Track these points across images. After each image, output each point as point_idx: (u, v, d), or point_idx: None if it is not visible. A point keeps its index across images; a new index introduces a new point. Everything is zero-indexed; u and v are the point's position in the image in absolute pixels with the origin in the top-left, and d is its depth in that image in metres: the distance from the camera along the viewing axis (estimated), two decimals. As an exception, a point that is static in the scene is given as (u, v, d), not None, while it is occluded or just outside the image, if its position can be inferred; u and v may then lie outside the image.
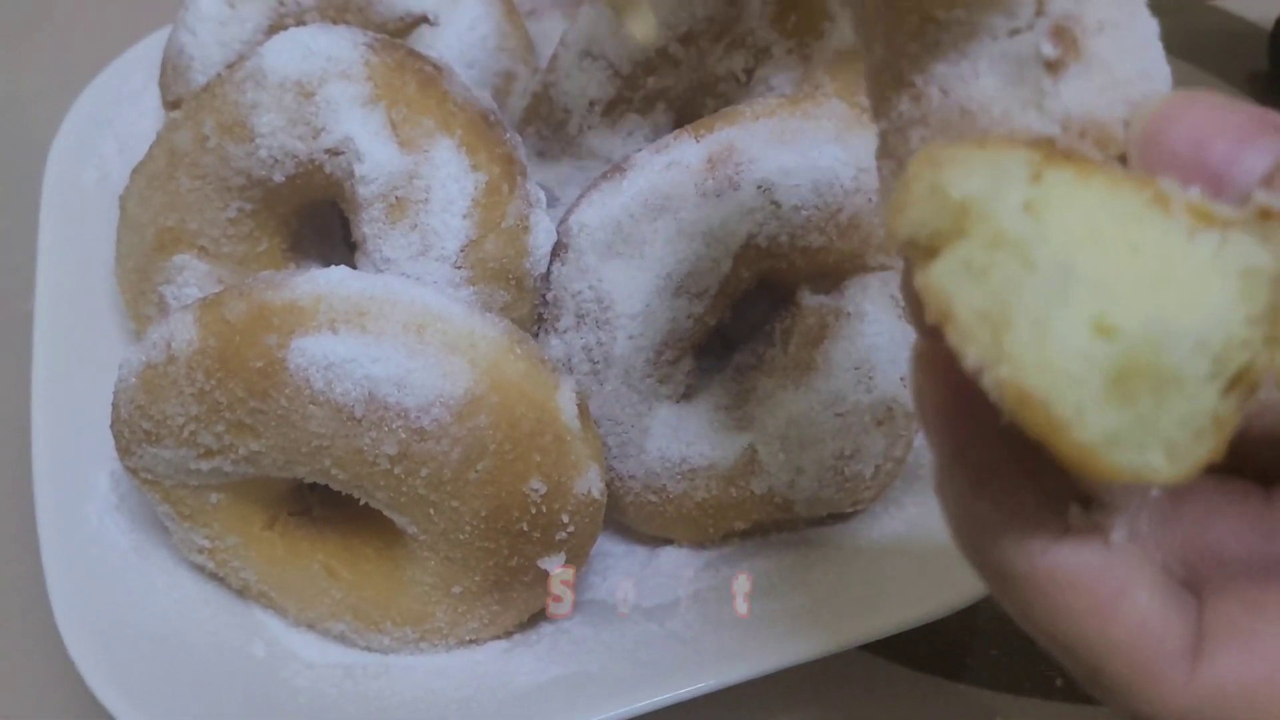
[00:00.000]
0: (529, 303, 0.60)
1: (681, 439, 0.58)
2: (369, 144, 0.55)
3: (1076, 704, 0.61)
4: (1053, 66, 0.29)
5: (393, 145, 0.56)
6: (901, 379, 0.57)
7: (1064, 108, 0.30)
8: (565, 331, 0.59)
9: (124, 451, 0.55)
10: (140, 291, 0.62)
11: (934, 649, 0.62)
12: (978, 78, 0.31)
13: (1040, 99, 0.30)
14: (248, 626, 0.58)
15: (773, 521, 0.60)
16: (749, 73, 0.66)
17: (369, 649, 0.58)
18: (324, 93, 0.56)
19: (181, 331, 0.51)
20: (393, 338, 0.50)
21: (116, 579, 0.57)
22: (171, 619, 0.57)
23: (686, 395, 0.60)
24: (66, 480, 0.60)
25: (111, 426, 0.55)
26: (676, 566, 0.60)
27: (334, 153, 0.56)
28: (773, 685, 0.54)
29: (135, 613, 0.56)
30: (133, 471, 0.55)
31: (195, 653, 0.56)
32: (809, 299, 0.59)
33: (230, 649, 0.57)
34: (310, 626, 0.58)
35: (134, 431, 0.54)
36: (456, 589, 0.55)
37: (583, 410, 0.55)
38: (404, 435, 0.50)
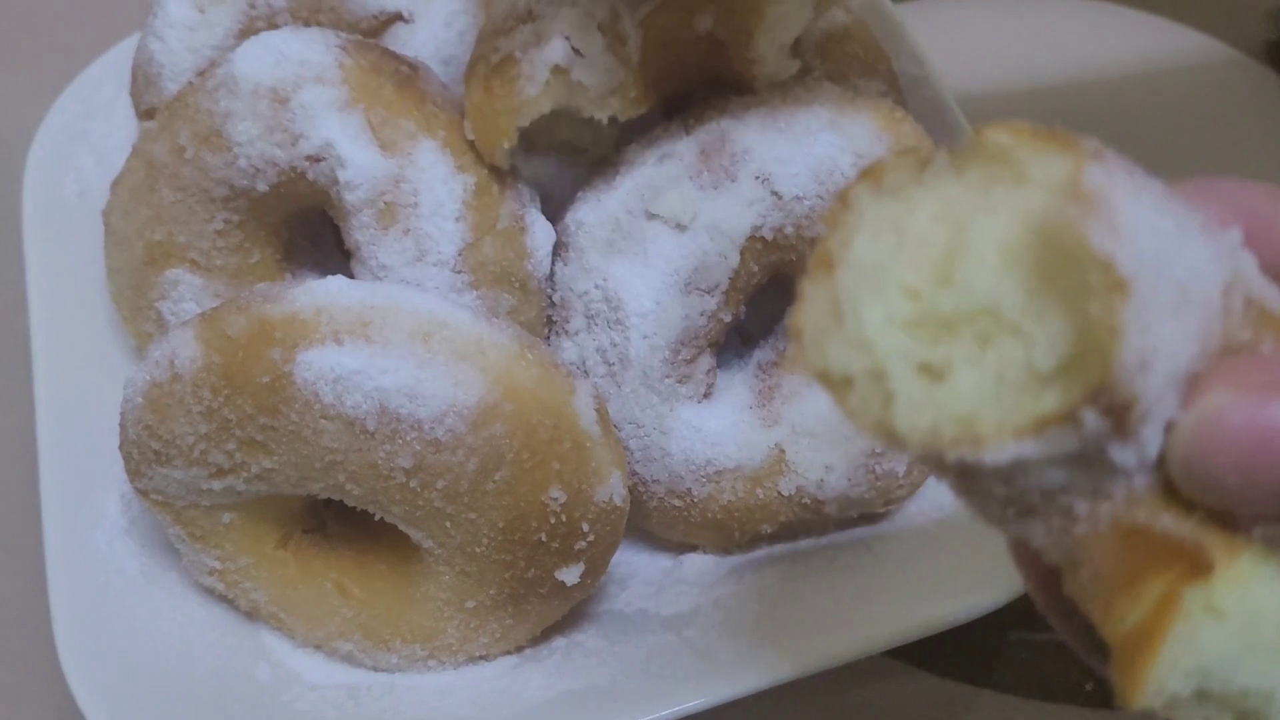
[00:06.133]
0: (536, 305, 0.59)
1: (706, 440, 0.57)
2: (349, 149, 0.55)
3: (1108, 710, 0.59)
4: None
5: (374, 149, 0.55)
6: None
7: (1154, 455, 0.28)
8: (577, 334, 0.58)
9: (134, 474, 0.54)
10: (137, 308, 0.62)
11: (961, 654, 0.61)
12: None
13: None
14: (253, 650, 0.57)
15: (801, 524, 0.58)
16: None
17: (375, 668, 0.57)
18: (299, 98, 0.55)
19: (183, 349, 0.51)
20: (399, 347, 0.49)
21: (121, 605, 0.56)
22: (175, 644, 0.56)
23: (708, 395, 0.59)
24: (75, 506, 0.59)
25: (120, 448, 0.54)
26: (699, 574, 0.59)
27: (315, 159, 0.55)
28: (792, 693, 0.53)
29: (138, 639, 0.56)
30: (143, 494, 0.55)
31: (196, 678, 0.55)
32: (826, 291, 0.58)
33: (233, 673, 0.56)
34: (318, 647, 0.58)
35: (143, 452, 0.53)
36: (470, 603, 0.54)
37: (602, 414, 0.54)
38: (419, 447, 0.49)
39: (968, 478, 0.29)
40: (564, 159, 0.61)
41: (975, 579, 0.54)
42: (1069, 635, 0.35)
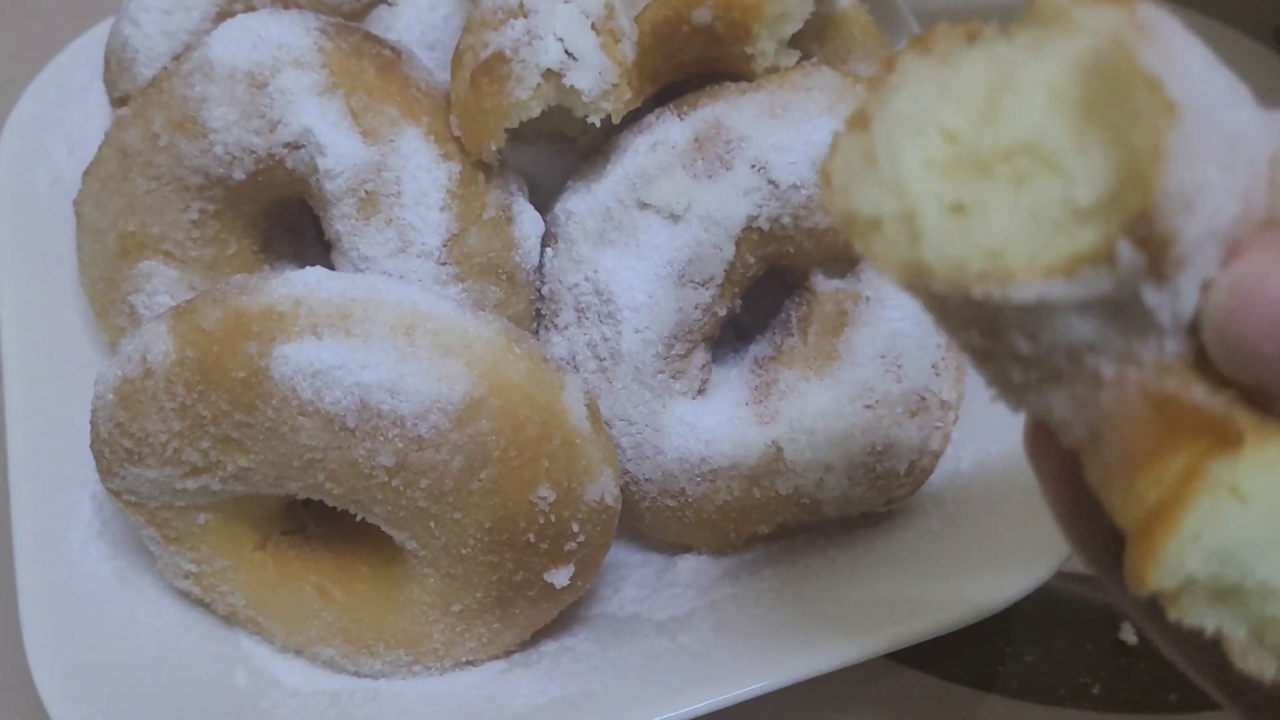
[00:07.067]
0: (524, 298, 0.58)
1: (700, 438, 0.56)
2: (330, 135, 0.54)
3: (1114, 713, 0.59)
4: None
5: (355, 136, 0.54)
6: (933, 367, 0.55)
7: (1188, 314, 0.27)
8: (566, 328, 0.57)
9: (106, 473, 0.53)
10: (109, 301, 0.61)
11: (965, 656, 0.61)
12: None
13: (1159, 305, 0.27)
14: (230, 655, 0.57)
15: (799, 524, 0.58)
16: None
17: (358, 674, 0.57)
18: (277, 83, 0.54)
19: (156, 343, 0.50)
20: (381, 341, 0.49)
21: (94, 609, 0.56)
22: (150, 649, 0.56)
23: (702, 391, 0.58)
24: (46, 507, 0.58)
25: (91, 447, 0.53)
26: (694, 576, 0.59)
27: (294, 146, 0.55)
28: (791, 698, 0.53)
29: (112, 644, 0.55)
30: (115, 494, 0.54)
31: (172, 685, 0.55)
32: (824, 284, 0.57)
33: (210, 680, 0.55)
34: (298, 652, 0.57)
35: (115, 451, 0.52)
36: (456, 607, 0.54)
37: (593, 410, 0.53)
38: (401, 445, 0.48)
39: (991, 332, 0.29)
40: (553, 147, 0.60)
41: (980, 580, 0.53)
42: (1080, 544, 0.35)
